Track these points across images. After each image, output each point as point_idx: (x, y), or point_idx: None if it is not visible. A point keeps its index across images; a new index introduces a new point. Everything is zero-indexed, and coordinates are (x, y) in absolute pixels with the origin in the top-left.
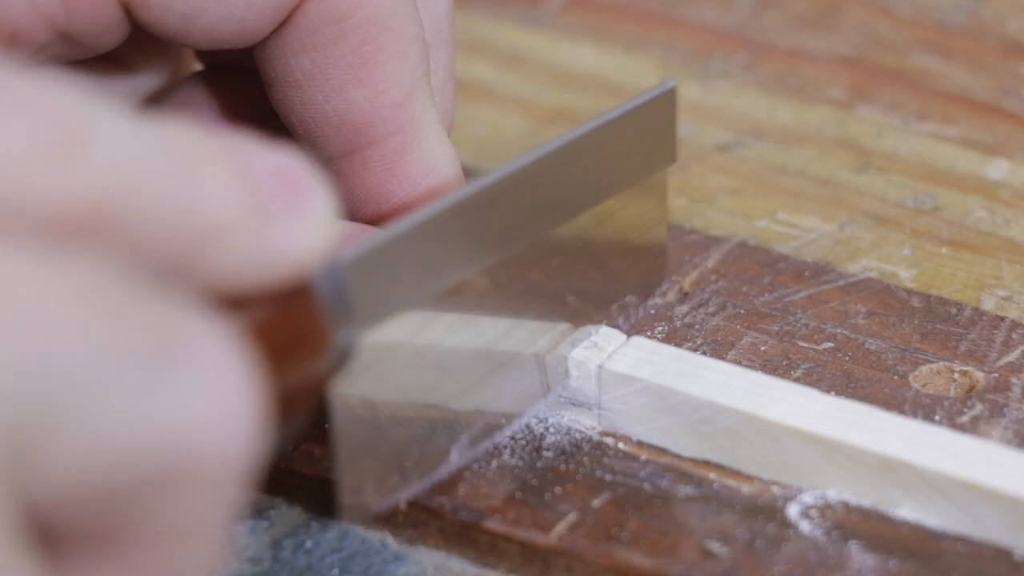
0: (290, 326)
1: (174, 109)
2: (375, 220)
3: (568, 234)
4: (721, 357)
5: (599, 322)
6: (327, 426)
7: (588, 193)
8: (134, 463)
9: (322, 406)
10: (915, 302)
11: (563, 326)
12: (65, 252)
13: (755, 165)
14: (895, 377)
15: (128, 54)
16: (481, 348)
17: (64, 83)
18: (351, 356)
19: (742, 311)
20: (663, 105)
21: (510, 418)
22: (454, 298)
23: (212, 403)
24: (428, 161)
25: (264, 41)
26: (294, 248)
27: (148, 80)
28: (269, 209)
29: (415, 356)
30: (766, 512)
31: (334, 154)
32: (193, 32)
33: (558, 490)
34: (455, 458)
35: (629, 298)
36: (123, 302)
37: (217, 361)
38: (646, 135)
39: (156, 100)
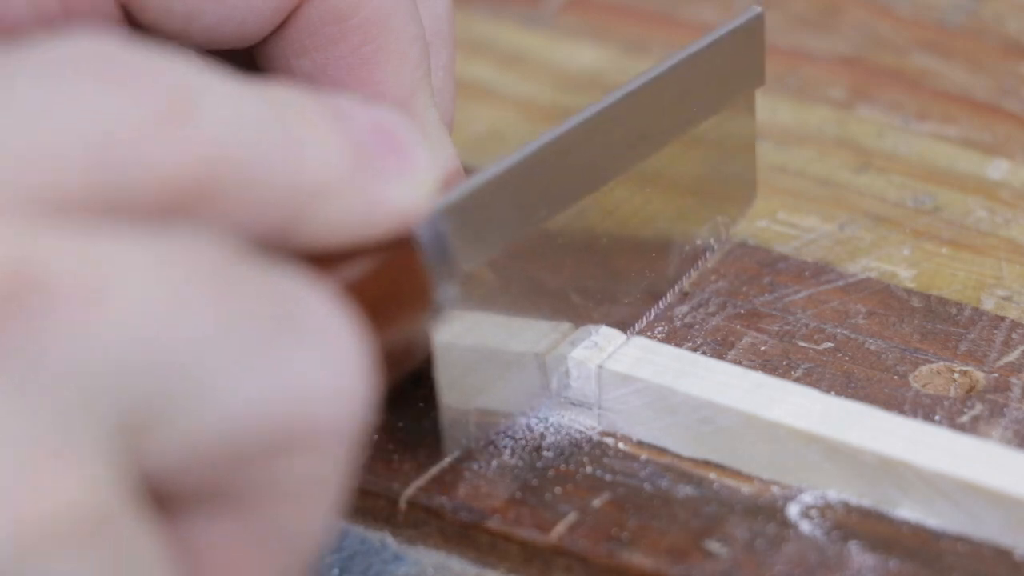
0: (394, 275)
1: None
2: None
3: (656, 167)
4: (721, 357)
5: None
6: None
7: (678, 120)
8: (253, 435)
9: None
10: (915, 302)
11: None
12: (175, 232)
13: None
14: (895, 377)
15: None
16: (562, 308)
17: (168, 52)
18: (451, 304)
19: (742, 311)
20: (751, 31)
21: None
22: (536, 262)
23: (327, 373)
24: None
25: (264, 42)
26: (398, 204)
27: None
28: (373, 165)
29: (497, 309)
30: (766, 512)
31: None
32: (193, 33)
33: (558, 490)
34: (544, 392)
35: (720, 218)
36: (234, 278)
37: (330, 331)
38: (735, 61)
39: None
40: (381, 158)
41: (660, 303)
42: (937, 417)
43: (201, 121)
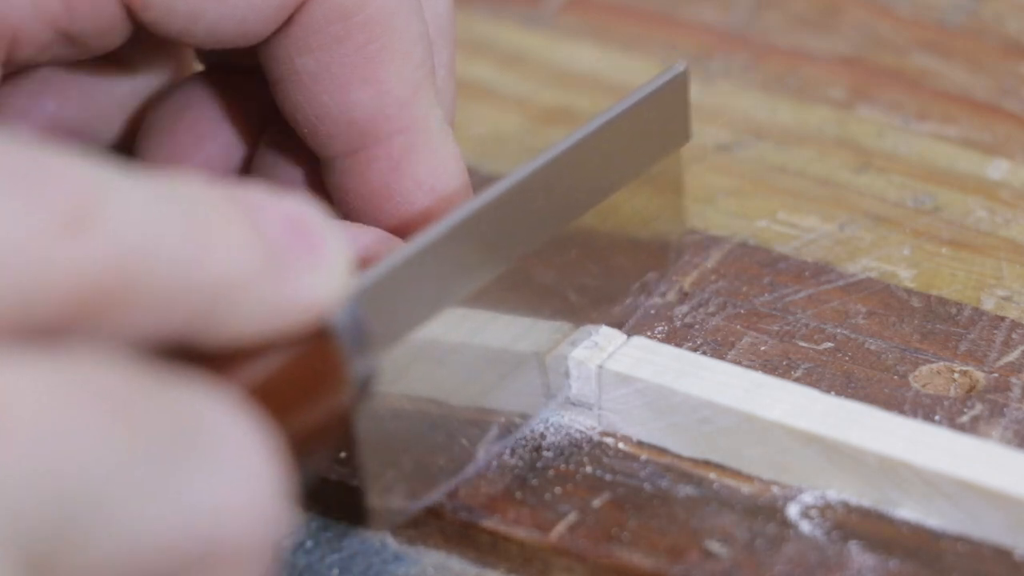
0: (308, 364)
1: (175, 109)
2: (381, 219)
3: (582, 228)
4: (721, 357)
5: (609, 314)
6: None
7: (601, 186)
8: (161, 555)
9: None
10: (915, 302)
11: (569, 325)
12: (73, 354)
13: (755, 165)
14: (895, 377)
15: (129, 54)
16: (497, 348)
17: (74, 152)
18: (371, 384)
19: (742, 311)
20: (675, 88)
21: (528, 415)
22: (466, 302)
23: (234, 492)
24: (433, 160)
25: (268, 40)
26: (310, 297)
27: (149, 80)
28: (283, 260)
29: (432, 360)
30: (766, 512)
31: (339, 153)
32: (196, 32)
33: (558, 490)
34: (482, 456)
35: (650, 275)
36: (134, 398)
37: (234, 447)
38: (660, 120)
39: (157, 100)
40: (292, 252)
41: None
42: (937, 417)
43: (105, 227)
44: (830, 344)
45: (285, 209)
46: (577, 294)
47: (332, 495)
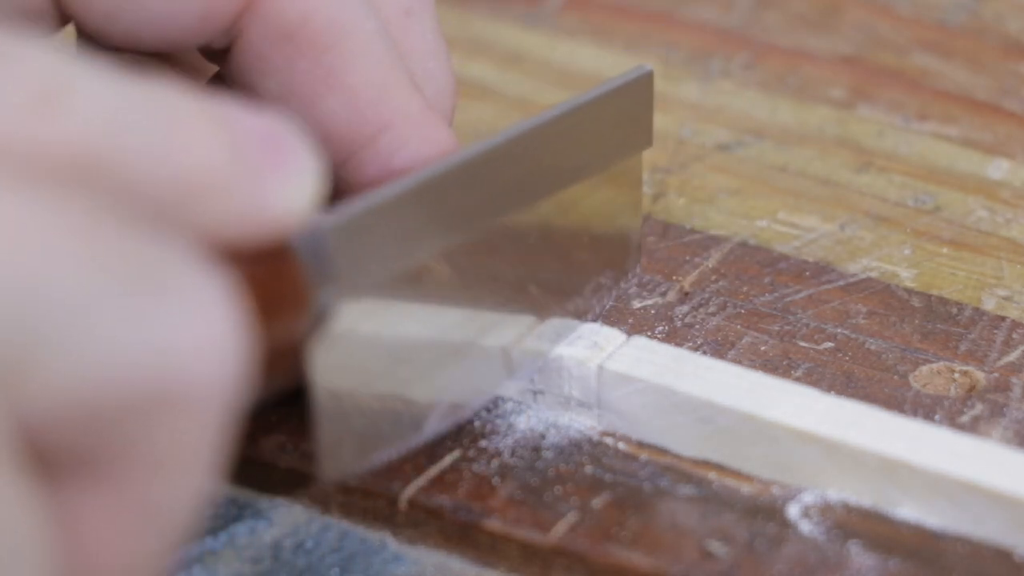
0: (272, 283)
1: None
2: None
3: (536, 220)
4: (721, 357)
5: (568, 309)
6: (304, 392)
7: (560, 174)
8: (120, 386)
9: (299, 374)
10: (915, 302)
11: (534, 314)
12: (53, 191)
13: (755, 165)
14: (895, 377)
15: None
16: (452, 335)
17: (46, 43)
18: (329, 320)
19: (742, 311)
20: (639, 89)
21: (478, 397)
22: (418, 286)
23: (196, 330)
24: (424, 147)
25: (225, 63)
26: (280, 206)
27: None
28: (255, 166)
29: (381, 341)
30: (766, 512)
31: (330, 165)
32: (114, 32)
33: (558, 490)
34: (430, 428)
35: (603, 279)
36: (110, 235)
37: (202, 292)
38: (622, 119)
39: None
40: (261, 160)
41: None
42: (937, 417)
43: (71, 108)
44: (830, 344)
45: (258, 120)
46: (535, 285)
47: (319, 490)
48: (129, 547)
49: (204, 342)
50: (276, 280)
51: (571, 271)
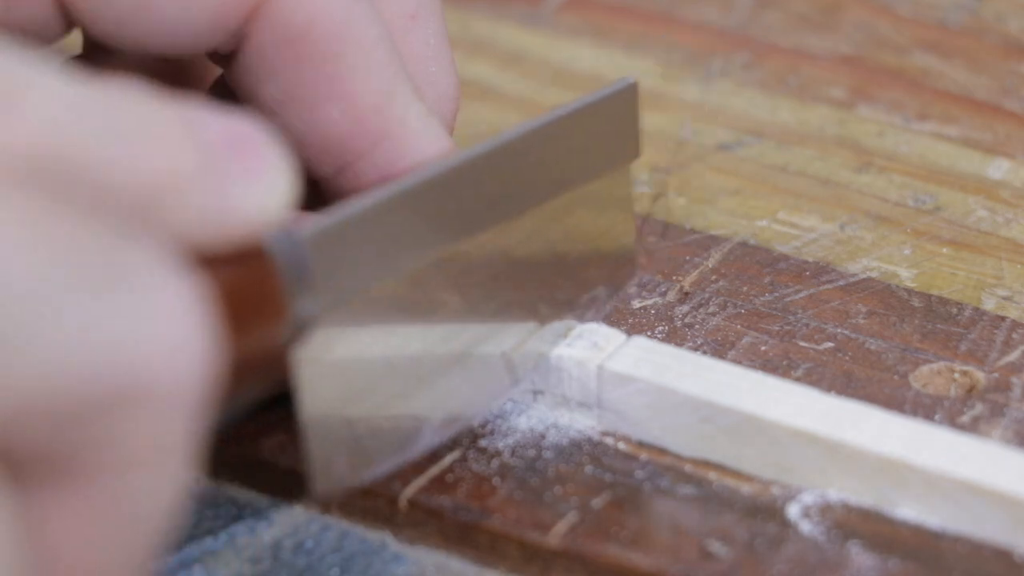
0: (248, 288)
1: None
2: None
3: (527, 232)
4: (721, 357)
5: (564, 318)
6: (294, 405)
7: (546, 185)
8: (84, 384)
9: (286, 387)
10: (916, 302)
11: (530, 324)
12: (8, 188)
13: (755, 165)
14: (895, 377)
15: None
16: (444, 347)
17: (4, 46)
18: (310, 330)
19: (742, 311)
20: (624, 101)
21: (478, 408)
22: (407, 297)
23: (160, 329)
24: (422, 158)
25: (230, 70)
26: (250, 208)
27: None
28: (222, 168)
29: (369, 353)
30: (766, 512)
31: (328, 173)
32: (124, 38)
33: (558, 490)
34: (426, 439)
35: (600, 291)
36: (73, 230)
37: (167, 289)
38: (607, 130)
39: None
40: (229, 161)
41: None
42: (937, 417)
43: (25, 111)
44: (830, 344)
45: (226, 123)
46: (530, 297)
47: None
48: (99, 550)
49: (168, 341)
50: (252, 285)
51: (565, 283)
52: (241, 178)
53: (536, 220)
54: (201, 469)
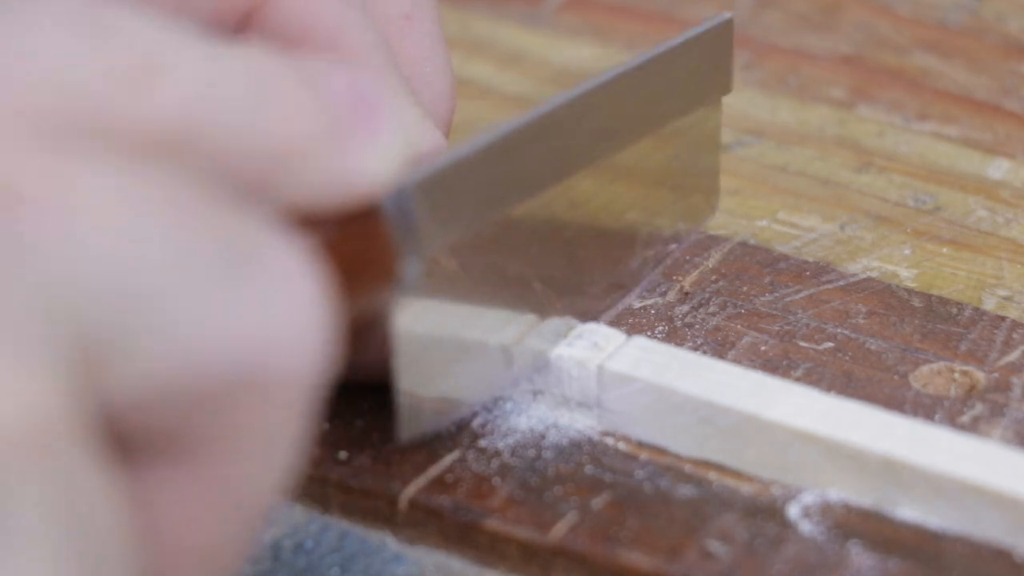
0: (358, 247)
1: None
2: None
3: (615, 164)
4: (721, 357)
5: (647, 256)
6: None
7: (645, 118)
8: (208, 371)
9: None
10: (916, 302)
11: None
12: (147, 167)
13: (755, 165)
14: (895, 377)
15: None
16: (523, 292)
17: (143, 12)
18: (413, 279)
19: (742, 311)
20: (720, 36)
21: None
22: (495, 241)
23: (286, 315)
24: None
25: None
26: (369, 168)
27: None
28: (345, 129)
29: (460, 297)
30: (766, 512)
31: None
32: None
33: (558, 490)
34: (508, 382)
35: (681, 225)
36: (202, 215)
37: (292, 275)
38: (704, 66)
39: None
40: (353, 123)
41: (624, 298)
42: (937, 417)
43: (168, 81)
44: (830, 344)
45: (349, 80)
46: (614, 228)
47: (319, 490)
48: (204, 530)
49: (294, 326)
50: (364, 243)
51: (650, 215)
52: (364, 139)
53: (631, 152)
54: None
